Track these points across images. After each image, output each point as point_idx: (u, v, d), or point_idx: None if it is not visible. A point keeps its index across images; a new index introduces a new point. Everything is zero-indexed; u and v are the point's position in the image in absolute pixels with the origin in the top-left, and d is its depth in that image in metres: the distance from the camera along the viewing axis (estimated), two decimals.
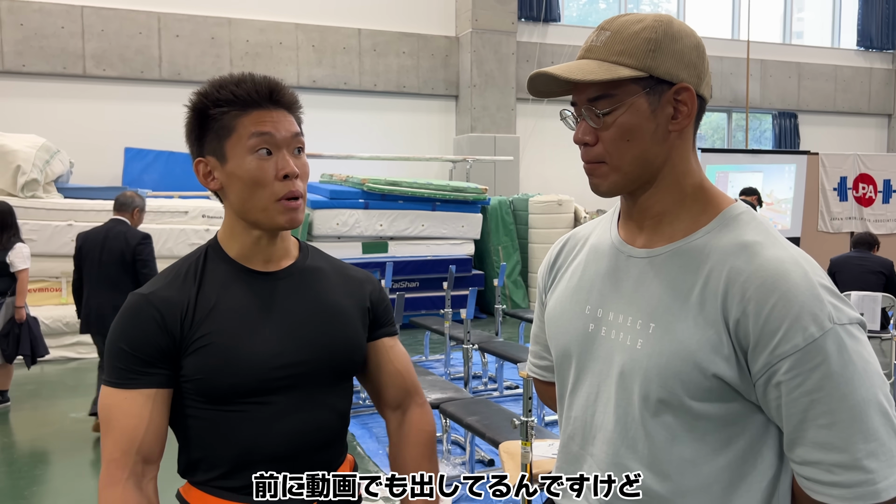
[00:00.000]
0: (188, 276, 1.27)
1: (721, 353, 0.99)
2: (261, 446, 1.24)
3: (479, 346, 5.42)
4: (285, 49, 10.59)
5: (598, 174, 1.09)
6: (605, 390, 1.10)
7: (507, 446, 3.14)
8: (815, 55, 14.19)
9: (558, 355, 1.21)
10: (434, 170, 11.22)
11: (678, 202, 1.08)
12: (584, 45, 1.08)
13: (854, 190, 10.46)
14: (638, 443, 1.05)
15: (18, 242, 5.02)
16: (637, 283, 1.09)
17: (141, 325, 1.21)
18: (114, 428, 1.20)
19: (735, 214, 1.07)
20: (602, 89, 1.04)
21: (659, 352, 1.02)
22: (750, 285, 0.97)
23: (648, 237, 1.11)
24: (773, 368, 0.95)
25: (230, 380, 1.22)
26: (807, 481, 0.97)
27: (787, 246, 1.02)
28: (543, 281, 1.31)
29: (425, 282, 8.22)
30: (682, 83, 1.04)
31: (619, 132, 1.04)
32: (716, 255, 1.03)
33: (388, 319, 1.44)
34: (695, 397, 1.00)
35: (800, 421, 0.95)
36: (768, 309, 0.95)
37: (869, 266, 5.98)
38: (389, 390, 1.43)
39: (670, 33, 1.04)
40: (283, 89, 1.27)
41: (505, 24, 11.32)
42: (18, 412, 5.20)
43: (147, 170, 9.69)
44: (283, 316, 1.28)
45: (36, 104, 9.54)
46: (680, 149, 1.08)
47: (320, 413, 1.30)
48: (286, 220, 1.25)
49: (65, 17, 9.57)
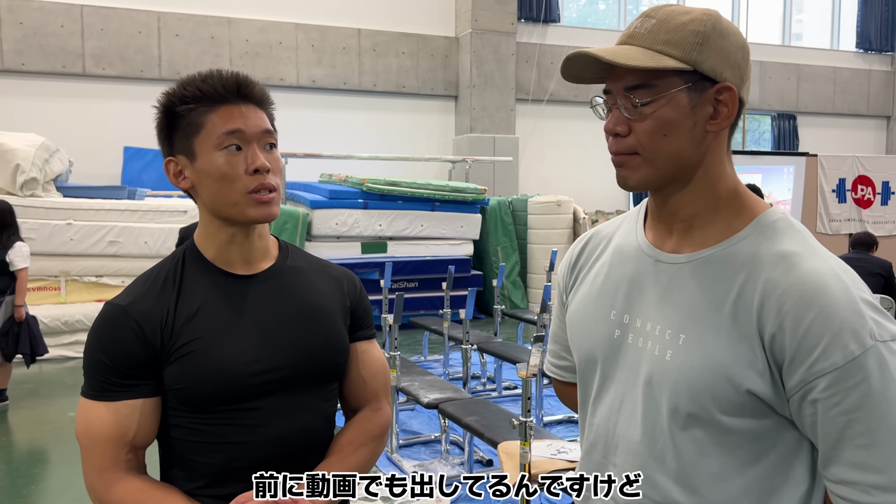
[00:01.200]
0: (167, 282, 1.24)
1: (755, 368, 0.95)
2: (247, 452, 1.23)
3: (477, 346, 5.43)
4: (285, 49, 10.59)
5: (630, 166, 1.02)
6: (631, 400, 1.07)
7: (505, 446, 3.15)
8: (815, 57, 14.20)
9: (582, 361, 1.17)
10: (433, 170, 11.22)
11: (710, 206, 1.03)
12: (625, 31, 1.03)
13: (853, 192, 10.47)
14: (666, 455, 1.02)
15: (18, 241, 5.02)
16: (666, 290, 1.05)
17: (119, 337, 1.19)
18: (97, 441, 1.18)
19: (771, 221, 1.02)
20: (642, 78, 0.98)
21: (689, 365, 0.98)
22: (787, 299, 0.93)
23: (678, 242, 1.06)
24: (809, 385, 0.92)
25: (212, 388, 1.20)
26: (842, 500, 0.94)
27: (826, 257, 0.97)
28: (564, 281, 1.25)
29: (424, 282, 8.22)
30: (726, 82, 0.99)
31: (656, 125, 0.99)
32: (751, 264, 0.98)
33: (366, 322, 1.41)
34: (726, 412, 0.97)
35: (836, 440, 0.92)
36: (806, 324, 0.91)
37: (867, 268, 5.98)
38: (352, 395, 1.40)
39: (718, 29, 0.99)
40: (252, 84, 1.25)
41: (504, 24, 11.32)
42: (17, 411, 5.20)
43: (146, 169, 9.70)
44: (264, 320, 1.26)
45: (35, 103, 9.53)
46: (715, 151, 1.03)
47: (306, 417, 1.28)
48: (258, 213, 1.21)
49: (64, 15, 9.56)
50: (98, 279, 6.99)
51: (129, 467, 1.20)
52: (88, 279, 6.97)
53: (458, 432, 4.46)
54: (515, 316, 7.03)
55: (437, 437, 4.53)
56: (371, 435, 1.36)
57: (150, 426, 1.22)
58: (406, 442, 4.48)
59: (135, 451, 1.21)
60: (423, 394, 4.05)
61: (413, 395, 4.09)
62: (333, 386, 1.35)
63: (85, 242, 6.85)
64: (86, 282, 6.97)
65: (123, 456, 1.19)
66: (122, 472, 1.19)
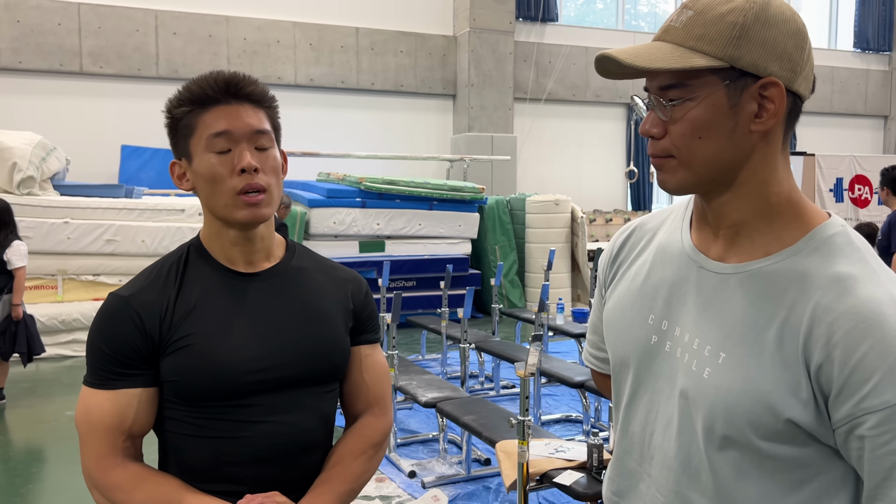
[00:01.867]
0: (169, 276, 1.26)
1: (798, 397, 0.88)
2: (238, 449, 1.23)
3: (475, 345, 5.43)
4: (283, 47, 10.58)
5: (667, 169, 0.96)
6: (666, 411, 1.02)
7: (503, 445, 3.15)
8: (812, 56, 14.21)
9: (616, 362, 1.12)
10: (431, 169, 11.22)
11: (760, 213, 0.95)
12: (663, 25, 0.96)
13: (850, 191, 10.48)
14: (701, 474, 0.97)
15: (16, 240, 5.01)
16: (709, 301, 0.98)
17: (119, 327, 1.21)
18: (95, 429, 1.20)
19: (828, 235, 0.93)
20: (675, 77, 0.91)
21: (728, 387, 0.92)
22: (839, 328, 0.86)
23: (725, 248, 0.99)
24: (857, 421, 0.85)
25: (205, 383, 1.20)
26: None
27: (886, 281, 0.89)
28: (604, 274, 1.18)
29: (422, 281, 8.22)
30: (770, 77, 0.90)
31: (691, 127, 0.92)
32: (801, 284, 0.90)
33: (370, 326, 1.40)
34: (764, 437, 0.91)
35: (884, 479, 0.85)
36: (858, 357, 0.84)
37: None
38: (353, 399, 1.39)
39: (763, 17, 0.89)
40: (244, 83, 1.23)
41: (503, 23, 11.32)
42: (14, 410, 5.19)
43: (144, 167, 9.68)
44: (262, 318, 1.26)
45: (32, 101, 9.52)
46: (764, 152, 0.94)
47: (301, 416, 1.27)
48: (246, 215, 1.21)
49: (62, 13, 9.54)
50: (95, 278, 6.98)
51: (126, 454, 1.22)
52: (85, 278, 6.96)
53: (456, 431, 4.46)
54: (513, 315, 7.04)
55: (434, 436, 4.53)
56: (371, 442, 1.36)
57: (148, 415, 1.24)
58: (404, 441, 4.48)
59: (132, 439, 1.23)
60: (421, 393, 4.05)
61: (411, 395, 4.09)
62: (332, 387, 1.34)
63: (82, 241, 6.84)
64: (83, 280, 6.96)
65: (121, 443, 1.21)
66: (120, 459, 1.21)
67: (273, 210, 1.25)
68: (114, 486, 1.19)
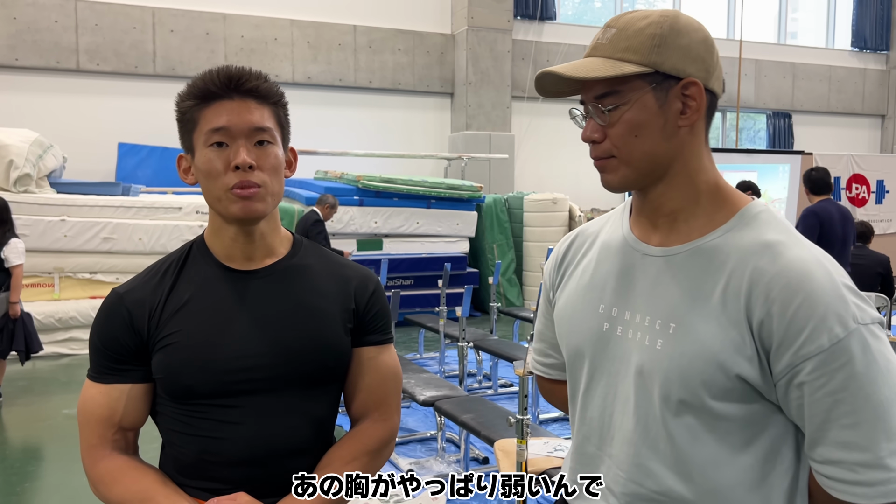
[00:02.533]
0: (166, 273, 1.27)
1: (744, 354, 0.98)
2: (221, 448, 1.22)
3: (474, 343, 5.42)
4: (280, 45, 10.56)
5: (609, 169, 1.07)
6: (623, 390, 1.09)
7: (502, 444, 3.14)
8: (810, 55, 14.23)
9: (570, 355, 1.19)
10: (429, 167, 11.21)
11: (692, 200, 1.07)
12: (590, 44, 1.09)
13: (847, 190, 10.50)
14: (659, 443, 1.05)
15: (13, 238, 4.99)
16: (654, 282, 1.08)
17: (111, 323, 1.24)
18: (89, 419, 1.24)
19: (755, 213, 1.06)
20: (608, 86, 1.04)
21: (681, 352, 1.01)
22: (774, 286, 0.97)
23: (664, 235, 1.09)
24: (796, 369, 0.95)
25: (188, 381, 1.20)
26: (828, 480, 0.97)
27: (808, 246, 1.01)
28: (551, 278, 1.27)
29: (420, 279, 8.21)
30: (690, 78, 1.03)
31: (627, 128, 1.04)
32: (737, 254, 1.02)
33: (376, 326, 1.34)
34: (716, 397, 1.00)
35: (823, 421, 0.95)
36: (793, 310, 0.95)
37: (866, 266, 5.98)
38: (355, 403, 1.34)
39: (676, 28, 1.03)
40: (247, 78, 1.21)
41: (501, 21, 11.31)
42: (11, 408, 5.17)
43: (140, 165, 9.65)
44: (253, 317, 1.24)
45: (29, 99, 9.48)
46: (691, 145, 1.06)
47: (289, 418, 1.24)
48: (238, 210, 1.19)
49: (58, 11, 9.51)
50: (92, 276, 6.96)
51: (116, 447, 1.24)
52: (82, 276, 6.94)
53: (454, 430, 4.46)
54: (511, 313, 7.03)
55: (433, 434, 4.53)
56: (366, 449, 1.29)
57: (139, 411, 1.26)
58: (402, 440, 4.48)
59: (123, 432, 1.25)
60: (419, 391, 4.05)
61: (409, 393, 4.08)
62: (327, 389, 1.30)
63: (79, 239, 6.82)
64: (80, 278, 6.94)
65: (111, 436, 1.24)
66: (108, 451, 1.23)
67: (269, 207, 1.22)
68: (97, 479, 1.22)
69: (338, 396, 1.34)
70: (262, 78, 1.23)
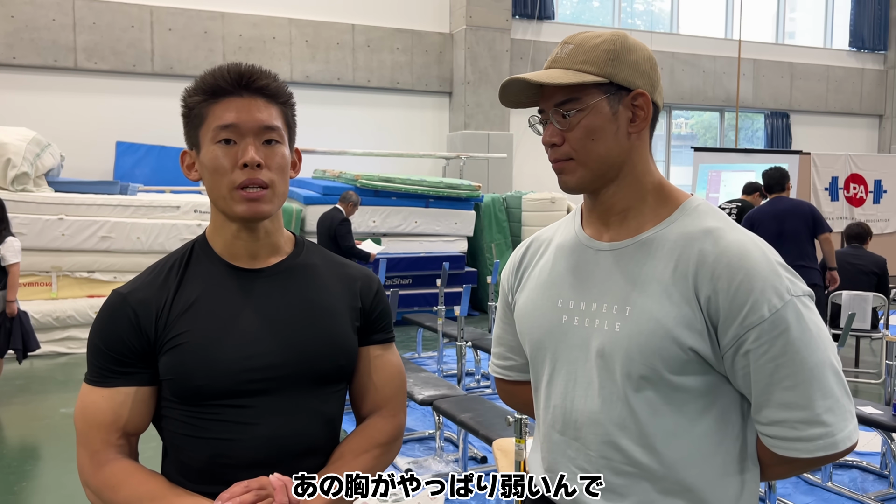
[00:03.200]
0: (171, 273, 1.24)
1: (695, 328, 1.09)
2: (234, 451, 1.19)
3: (472, 343, 5.42)
4: (278, 44, 10.55)
5: (568, 170, 1.18)
6: (584, 375, 1.18)
7: (500, 443, 3.14)
8: (808, 55, 14.25)
9: (532, 349, 1.27)
10: (427, 166, 11.21)
11: (640, 198, 1.19)
12: (549, 58, 1.20)
13: (845, 190, 10.51)
14: (625, 419, 1.13)
15: (10, 236, 4.98)
16: (608, 272, 1.18)
17: (116, 324, 1.20)
18: (91, 425, 1.19)
19: (694, 206, 1.18)
20: (568, 93, 1.15)
21: (638, 331, 1.11)
22: (718, 265, 1.08)
23: (616, 232, 1.20)
24: (742, 339, 1.06)
25: (200, 381, 1.18)
26: (772, 440, 1.09)
27: (742, 230, 1.14)
28: (509, 283, 1.37)
29: (418, 278, 8.21)
30: (639, 90, 1.15)
31: (585, 132, 1.15)
32: (683, 240, 1.13)
33: (381, 325, 1.36)
34: (673, 371, 1.10)
35: (766, 385, 1.07)
36: (736, 285, 1.06)
37: (862, 266, 5.99)
38: (361, 401, 1.35)
39: (626, 46, 1.16)
40: (258, 76, 1.21)
41: (499, 21, 11.31)
42: (8, 407, 5.16)
43: (138, 164, 9.64)
44: (263, 315, 1.23)
45: (27, 97, 9.47)
46: (639, 150, 1.19)
47: (301, 418, 1.23)
48: (244, 210, 1.19)
49: (56, 9, 9.49)
50: (90, 275, 6.95)
51: (120, 452, 1.20)
52: (80, 274, 6.93)
53: (452, 429, 4.46)
54: None
55: (431, 434, 4.53)
56: (376, 442, 1.30)
57: (143, 414, 1.22)
58: None
59: (126, 437, 1.21)
60: (418, 391, 4.05)
61: (407, 393, 4.08)
62: (337, 388, 1.30)
63: (77, 238, 6.81)
64: (77, 277, 6.93)
65: (115, 441, 1.20)
66: (112, 455, 1.19)
67: (275, 207, 1.22)
68: (102, 484, 1.17)
69: (345, 395, 1.34)
70: (272, 77, 1.24)
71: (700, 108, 13.96)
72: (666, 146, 13.63)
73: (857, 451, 4.26)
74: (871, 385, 5.87)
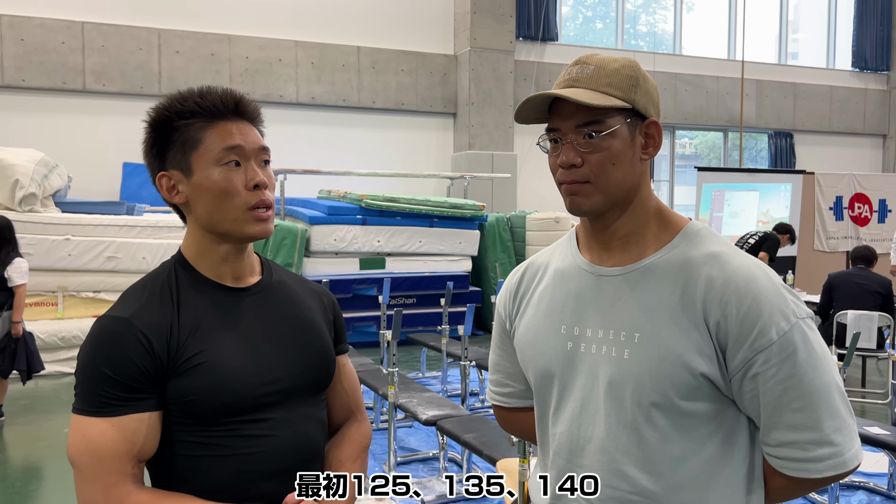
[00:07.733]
0: (164, 295, 1.22)
1: (705, 354, 1.09)
2: (256, 464, 1.21)
3: (476, 362, 5.41)
4: (284, 66, 10.65)
5: (583, 193, 1.15)
6: (592, 402, 1.17)
7: (504, 464, 3.13)
8: (811, 76, 14.31)
9: (538, 377, 1.25)
10: (432, 186, 11.25)
11: (643, 223, 1.19)
12: (565, 77, 1.17)
13: (850, 209, 10.50)
14: (632, 447, 1.13)
15: (17, 257, 5.01)
16: (613, 298, 1.16)
17: (125, 349, 1.15)
18: (102, 458, 1.14)
19: (696, 231, 1.18)
20: (591, 115, 1.13)
21: (649, 358, 1.10)
22: (727, 290, 1.09)
23: (618, 257, 1.19)
24: (750, 362, 1.07)
25: (226, 399, 1.19)
26: (781, 461, 1.09)
27: (745, 254, 1.15)
28: (506, 310, 1.35)
29: (423, 298, 8.21)
30: (652, 118, 1.17)
31: (608, 156, 1.13)
32: (689, 266, 1.13)
33: (342, 336, 1.45)
34: (684, 397, 1.10)
35: (775, 407, 1.07)
36: (745, 309, 1.07)
37: (867, 285, 5.98)
38: (336, 407, 1.44)
39: (642, 74, 1.17)
40: (248, 102, 1.28)
41: (503, 42, 11.40)
42: (13, 427, 5.17)
43: (145, 185, 9.70)
44: (261, 332, 1.27)
45: (35, 119, 9.56)
46: (644, 176, 1.20)
47: (308, 426, 1.30)
48: (257, 230, 1.23)
49: (65, 32, 9.62)
50: (96, 295, 6.98)
51: (136, 480, 1.17)
52: (86, 294, 6.96)
53: (456, 449, 4.44)
54: None
55: (435, 454, 4.51)
56: (363, 447, 1.42)
57: (154, 440, 1.19)
58: (404, 459, 4.46)
59: (140, 465, 1.19)
60: (422, 410, 4.04)
61: (411, 412, 4.07)
62: (324, 396, 1.38)
63: (83, 258, 6.84)
64: (83, 297, 6.95)
65: (130, 470, 1.16)
66: (131, 486, 1.15)
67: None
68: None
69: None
70: (253, 102, 1.31)
71: (703, 129, 14.00)
72: (670, 166, 13.67)
73: (863, 472, 4.23)
74: (878, 405, 5.83)
